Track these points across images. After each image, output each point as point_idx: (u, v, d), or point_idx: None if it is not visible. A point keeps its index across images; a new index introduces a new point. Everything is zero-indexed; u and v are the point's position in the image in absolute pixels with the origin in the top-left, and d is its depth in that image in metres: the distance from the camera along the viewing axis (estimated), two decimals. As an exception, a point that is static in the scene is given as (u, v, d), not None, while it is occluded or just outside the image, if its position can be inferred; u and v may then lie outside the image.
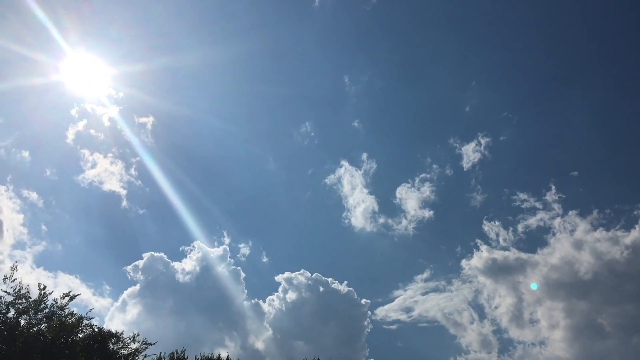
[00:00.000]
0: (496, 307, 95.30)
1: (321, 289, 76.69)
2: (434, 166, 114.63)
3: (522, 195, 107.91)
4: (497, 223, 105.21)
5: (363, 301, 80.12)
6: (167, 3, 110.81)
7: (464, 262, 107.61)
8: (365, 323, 78.83)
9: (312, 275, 77.63)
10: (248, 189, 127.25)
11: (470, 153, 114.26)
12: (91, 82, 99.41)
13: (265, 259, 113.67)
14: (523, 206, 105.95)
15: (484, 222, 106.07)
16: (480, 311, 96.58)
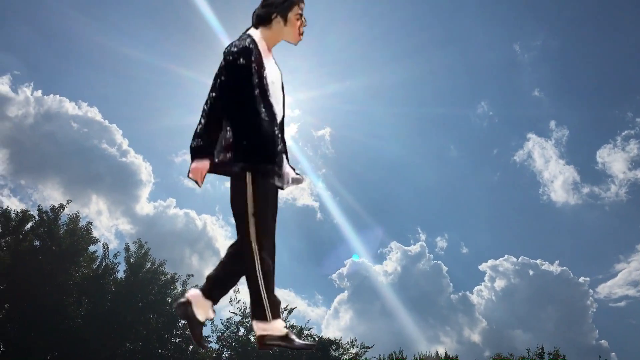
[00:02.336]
0: None
1: (531, 272, 72.12)
2: (638, 119, 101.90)
3: None
4: None
5: (581, 279, 73.50)
6: (338, 35, 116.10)
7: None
8: (589, 302, 72.24)
9: (517, 259, 73.37)
10: (434, 181, 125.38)
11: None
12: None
13: (464, 250, 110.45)
14: None
15: None
16: None
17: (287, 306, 42.81)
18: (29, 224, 37.79)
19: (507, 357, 45.53)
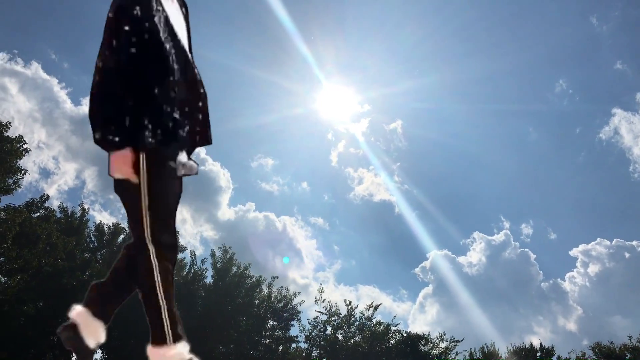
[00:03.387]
0: None
1: (627, 255, 68.10)
2: None
3: None
4: None
5: (682, 259, 68.66)
6: (412, 32, 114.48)
7: None
8: (699, 284, 67.38)
9: (611, 242, 69.51)
10: (514, 167, 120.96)
11: None
12: (341, 107, 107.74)
13: (552, 236, 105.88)
14: None
15: None
16: None
17: (372, 303, 42.70)
18: (121, 236, 39.75)
19: (608, 344, 43.29)
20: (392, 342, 41.77)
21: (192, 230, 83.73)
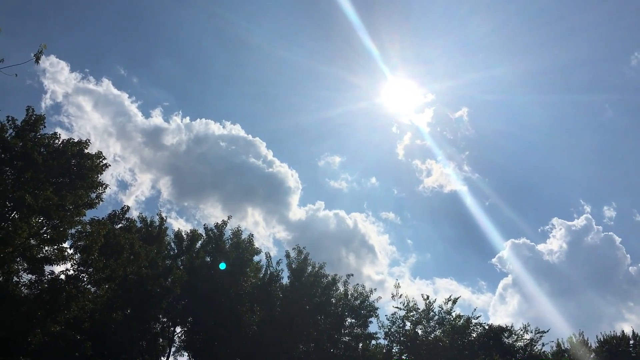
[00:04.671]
0: None
1: None
2: None
3: None
4: None
5: None
6: (481, 23, 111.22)
7: None
8: None
9: None
10: (590, 147, 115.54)
11: None
12: (406, 100, 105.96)
13: (638, 217, 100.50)
14: None
15: None
16: None
17: (450, 296, 41.97)
18: (199, 242, 41.01)
19: None
20: (474, 335, 40.90)
21: (265, 233, 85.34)
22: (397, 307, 41.50)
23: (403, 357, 40.66)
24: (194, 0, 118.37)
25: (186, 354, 38.94)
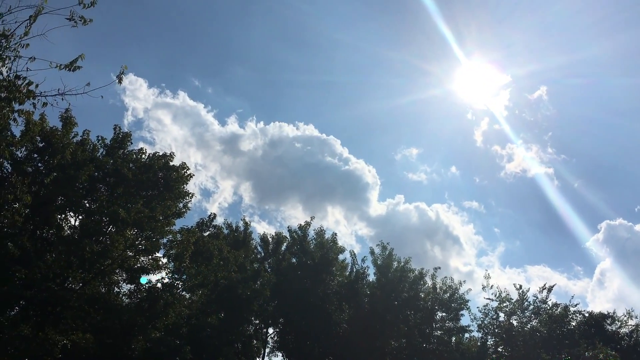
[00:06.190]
0: None
1: None
2: None
3: None
4: None
5: None
6: (567, 4, 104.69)
7: None
8: None
9: None
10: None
11: None
12: (481, 85, 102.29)
13: None
14: None
15: None
16: None
17: (544, 284, 40.45)
18: (284, 245, 41.71)
19: None
20: (573, 324, 39.16)
21: (347, 230, 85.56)
22: (488, 299, 40.47)
23: (499, 349, 39.58)
24: (260, 4, 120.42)
25: (280, 354, 39.73)
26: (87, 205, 27.55)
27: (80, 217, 27.39)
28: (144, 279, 24.84)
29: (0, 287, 23.20)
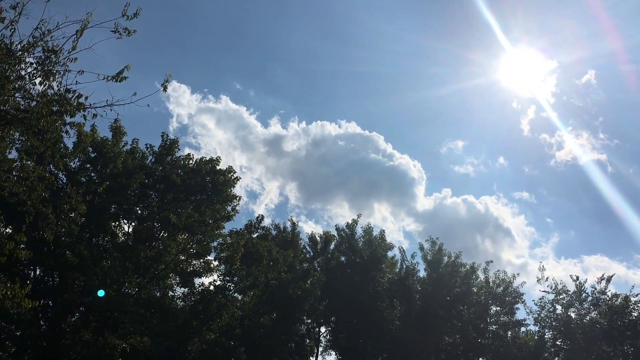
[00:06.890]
0: None
1: None
2: None
3: None
4: None
5: None
6: None
7: None
8: None
9: None
10: None
11: None
12: (525, 73, 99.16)
13: None
14: None
15: None
16: None
17: (603, 274, 39.03)
18: (332, 243, 41.73)
19: None
20: (635, 314, 37.71)
21: (394, 227, 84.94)
22: (544, 291, 39.45)
23: (557, 342, 38.56)
24: (297, 3, 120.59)
25: (334, 353, 39.79)
26: (139, 212, 28.40)
27: (133, 223, 28.24)
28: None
29: (60, 294, 24.12)
